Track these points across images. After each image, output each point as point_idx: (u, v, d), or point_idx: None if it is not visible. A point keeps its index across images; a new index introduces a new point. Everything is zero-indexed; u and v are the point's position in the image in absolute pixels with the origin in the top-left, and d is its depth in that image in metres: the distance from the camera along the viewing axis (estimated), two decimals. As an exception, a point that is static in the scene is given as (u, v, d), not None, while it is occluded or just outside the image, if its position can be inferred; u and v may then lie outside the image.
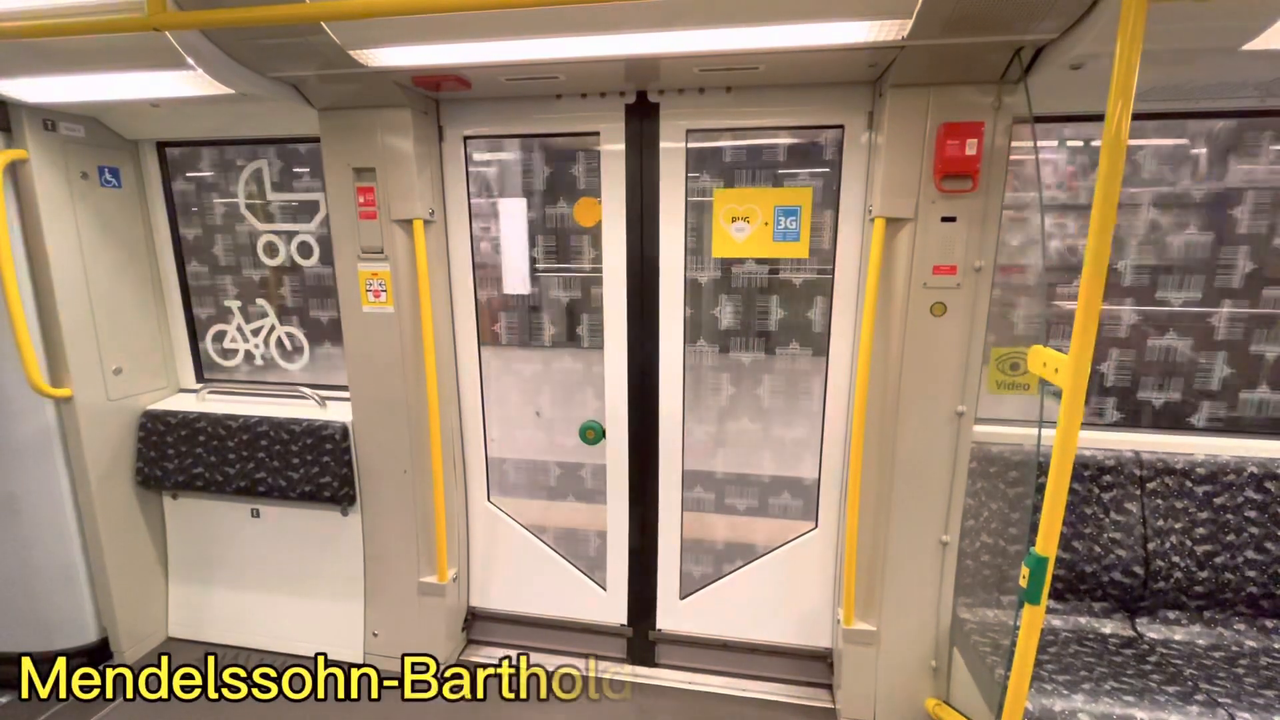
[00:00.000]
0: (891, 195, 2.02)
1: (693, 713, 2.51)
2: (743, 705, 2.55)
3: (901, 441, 2.17)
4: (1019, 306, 2.27)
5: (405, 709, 2.51)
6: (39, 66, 2.01)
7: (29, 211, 2.36)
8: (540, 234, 2.58)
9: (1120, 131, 1.16)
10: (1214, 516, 2.15)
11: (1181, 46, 1.66)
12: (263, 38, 1.87)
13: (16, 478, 2.54)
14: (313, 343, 2.91)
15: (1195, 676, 1.91)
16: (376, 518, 2.67)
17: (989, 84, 1.91)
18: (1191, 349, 2.29)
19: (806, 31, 1.70)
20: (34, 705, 2.52)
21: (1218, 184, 2.18)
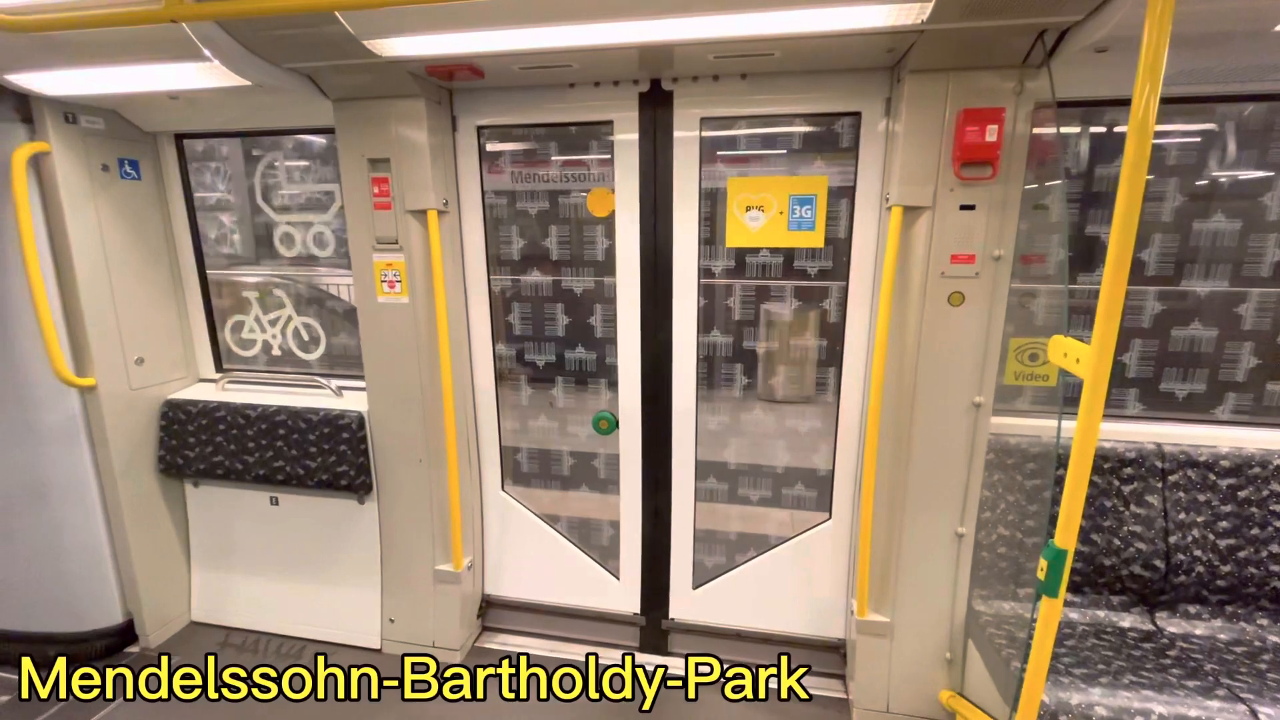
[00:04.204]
0: (909, 183, 1.99)
1: (710, 701, 2.53)
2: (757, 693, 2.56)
3: (917, 432, 2.15)
4: (1039, 296, 2.23)
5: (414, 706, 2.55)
6: (60, 60, 2.03)
7: (52, 203, 2.40)
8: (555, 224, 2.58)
9: (1147, 116, 1.13)
10: (1238, 510, 2.11)
11: (1211, 29, 1.61)
12: (277, 28, 1.87)
13: (44, 464, 2.60)
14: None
15: (1216, 671, 1.88)
16: (392, 506, 2.70)
17: (1010, 69, 1.87)
18: (1217, 339, 2.24)
19: (824, 16, 1.67)
20: (34, 704, 2.54)
21: (1247, 169, 2.13)
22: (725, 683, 2.59)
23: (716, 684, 2.59)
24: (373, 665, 2.69)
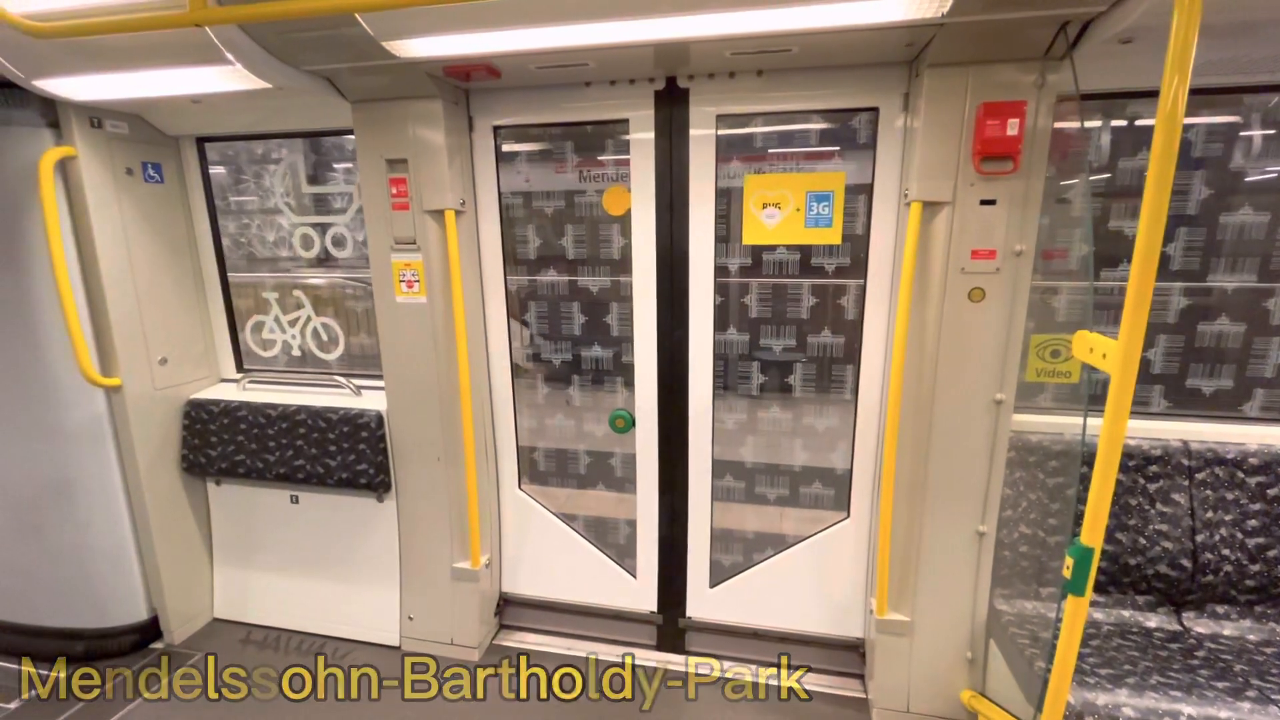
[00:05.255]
0: (929, 178, 1.97)
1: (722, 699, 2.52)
2: (774, 691, 2.55)
3: (937, 430, 2.13)
4: (1062, 292, 2.20)
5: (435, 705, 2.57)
6: (86, 65, 2.07)
7: (78, 207, 2.44)
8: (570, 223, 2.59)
9: (1176, 107, 1.11)
10: (1267, 508, 2.07)
11: (1241, 18, 1.58)
12: (298, 30, 1.90)
13: (71, 463, 2.65)
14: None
15: (1246, 672, 1.85)
16: (411, 504, 2.72)
17: (1032, 61, 1.84)
18: (1246, 334, 2.20)
19: (842, 11, 1.66)
20: (54, 703, 2.58)
21: (1274, 161, 2.09)
22: (726, 683, 2.61)
23: (730, 684, 2.60)
24: (390, 666, 2.72)
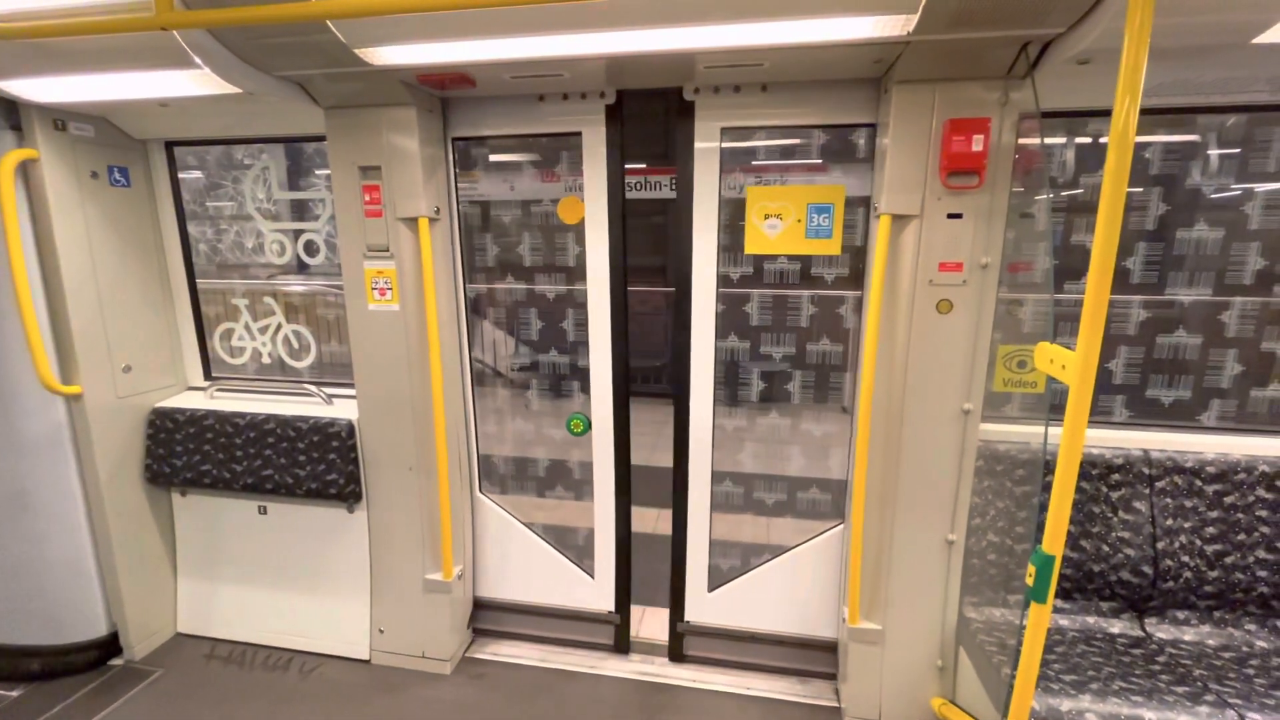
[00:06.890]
0: (897, 192, 2.01)
1: (702, 711, 2.52)
2: (751, 702, 2.55)
3: (907, 439, 2.16)
4: (1027, 304, 2.25)
5: (410, 709, 2.53)
6: (49, 66, 2.03)
7: (40, 210, 2.38)
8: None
9: (1128, 126, 1.15)
10: (1224, 516, 2.13)
11: (1190, 42, 1.64)
12: (269, 36, 1.88)
13: (28, 473, 2.56)
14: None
15: (1205, 677, 1.89)
16: (382, 515, 2.68)
17: (995, 79, 1.89)
18: (1201, 346, 2.27)
19: (810, 27, 1.69)
20: (40, 702, 2.54)
21: (1228, 179, 2.16)
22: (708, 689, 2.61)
23: (712, 689, 2.60)
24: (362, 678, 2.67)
